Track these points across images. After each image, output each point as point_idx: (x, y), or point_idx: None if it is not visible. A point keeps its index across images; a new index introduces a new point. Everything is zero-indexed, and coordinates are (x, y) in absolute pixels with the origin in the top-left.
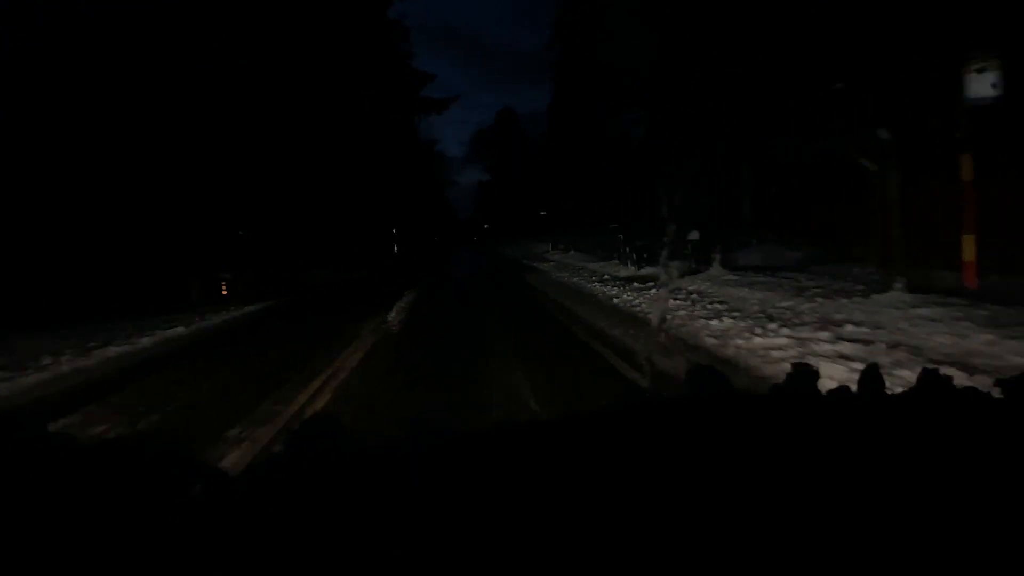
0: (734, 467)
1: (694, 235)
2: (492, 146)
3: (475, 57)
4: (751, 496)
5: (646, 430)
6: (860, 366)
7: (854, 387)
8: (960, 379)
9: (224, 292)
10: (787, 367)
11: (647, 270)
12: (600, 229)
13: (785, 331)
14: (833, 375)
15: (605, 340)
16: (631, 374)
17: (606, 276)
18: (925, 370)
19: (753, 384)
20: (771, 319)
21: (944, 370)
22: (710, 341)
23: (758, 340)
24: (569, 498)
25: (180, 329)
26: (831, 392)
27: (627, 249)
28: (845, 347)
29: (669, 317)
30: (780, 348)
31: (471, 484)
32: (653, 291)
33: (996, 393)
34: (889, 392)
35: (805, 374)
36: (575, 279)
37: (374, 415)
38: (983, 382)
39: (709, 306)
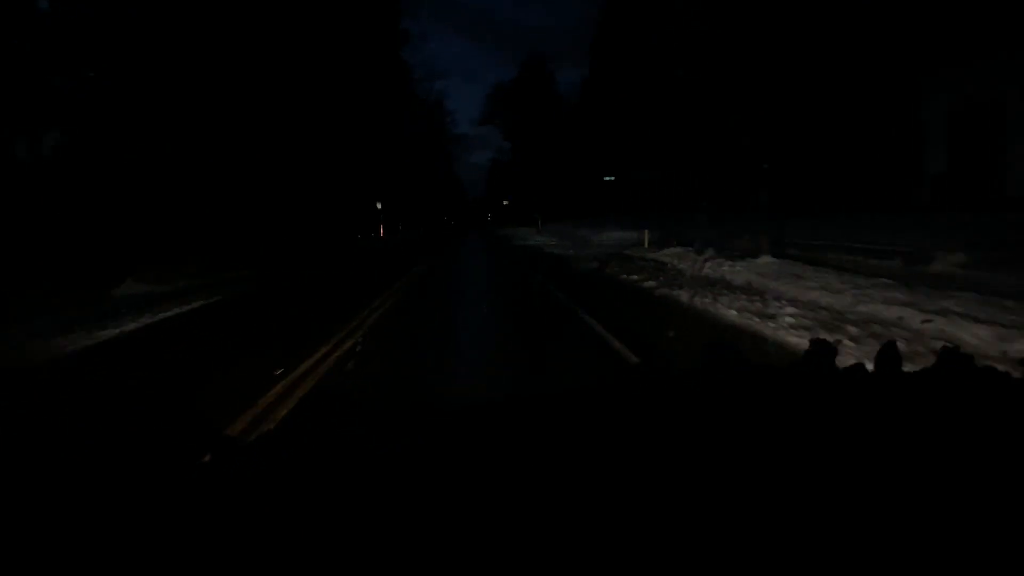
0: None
1: None
2: (514, 104)
3: (484, 32)
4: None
5: (668, 403)
6: None
7: (870, 365)
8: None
9: None
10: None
11: None
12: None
13: None
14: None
15: None
16: None
17: None
18: (945, 349)
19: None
20: None
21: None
22: None
23: None
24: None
25: None
26: (847, 370)
27: None
28: None
29: None
30: None
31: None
32: None
33: (1016, 374)
34: (907, 371)
35: (823, 351)
36: None
37: None
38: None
39: None
